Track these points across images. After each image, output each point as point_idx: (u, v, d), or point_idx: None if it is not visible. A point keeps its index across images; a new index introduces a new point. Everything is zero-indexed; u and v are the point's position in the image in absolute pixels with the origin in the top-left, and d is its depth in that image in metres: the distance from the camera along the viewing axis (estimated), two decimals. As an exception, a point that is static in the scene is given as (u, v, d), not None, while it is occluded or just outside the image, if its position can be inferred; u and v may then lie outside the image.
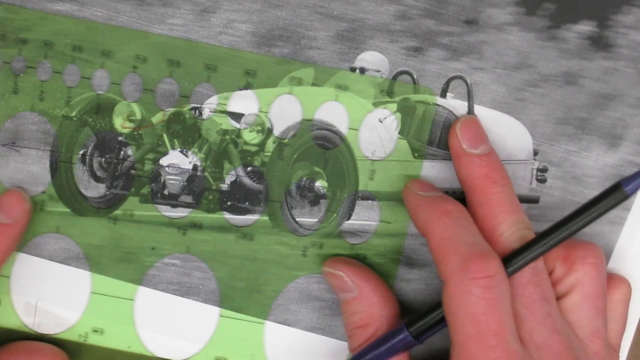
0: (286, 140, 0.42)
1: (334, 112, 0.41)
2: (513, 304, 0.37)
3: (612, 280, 0.42)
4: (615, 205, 0.36)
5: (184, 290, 0.42)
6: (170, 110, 0.41)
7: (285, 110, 0.41)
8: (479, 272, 0.35)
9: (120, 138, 0.41)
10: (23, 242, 0.42)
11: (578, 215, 0.37)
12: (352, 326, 0.40)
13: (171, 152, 0.42)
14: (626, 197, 0.36)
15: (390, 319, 0.40)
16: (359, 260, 0.42)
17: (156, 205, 0.42)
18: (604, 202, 0.37)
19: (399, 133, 0.42)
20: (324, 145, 0.42)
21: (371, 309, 0.40)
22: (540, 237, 0.37)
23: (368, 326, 0.40)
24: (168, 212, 0.42)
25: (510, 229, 0.38)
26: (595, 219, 0.37)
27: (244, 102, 0.41)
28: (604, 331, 0.39)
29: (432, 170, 0.42)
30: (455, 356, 0.36)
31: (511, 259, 0.37)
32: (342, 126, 0.42)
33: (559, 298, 0.39)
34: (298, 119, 0.41)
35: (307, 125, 0.41)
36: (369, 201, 0.42)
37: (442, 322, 0.38)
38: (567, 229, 0.37)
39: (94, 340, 0.42)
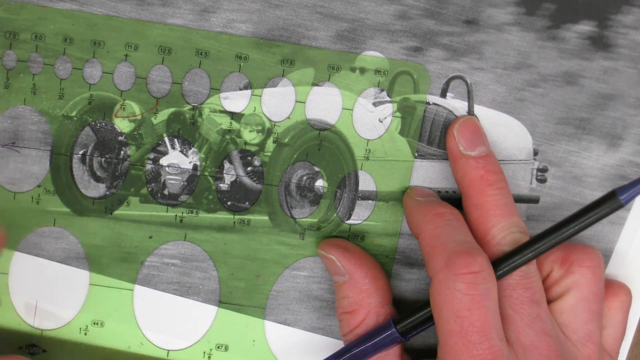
0: (286, 140, 0.42)
1: (333, 112, 0.41)
2: (501, 305, 0.37)
3: (612, 286, 0.41)
4: (609, 214, 0.36)
5: (184, 290, 0.42)
6: (171, 110, 0.41)
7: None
8: (464, 268, 0.35)
9: (120, 138, 0.41)
10: (20, 239, 0.42)
11: (572, 221, 0.37)
12: (341, 310, 0.40)
13: (171, 152, 0.42)
14: (620, 206, 0.35)
15: (379, 307, 0.40)
16: (355, 242, 0.42)
17: (156, 205, 0.42)
18: (598, 209, 0.36)
19: (399, 133, 0.42)
20: (325, 146, 0.42)
21: (360, 295, 0.40)
22: (532, 241, 0.37)
23: (356, 313, 0.40)
24: (168, 212, 0.42)
25: (503, 232, 0.38)
26: (589, 226, 0.37)
27: (244, 102, 0.41)
28: (597, 335, 0.39)
29: (432, 170, 0.42)
30: (441, 353, 0.36)
31: (502, 262, 0.37)
32: (342, 126, 0.42)
33: (554, 300, 0.39)
34: (292, 106, 0.41)
35: (307, 125, 0.41)
36: (369, 201, 0.42)
37: (430, 320, 0.38)
38: (559, 235, 0.37)
39: (95, 333, 0.42)
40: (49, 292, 0.42)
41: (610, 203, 0.36)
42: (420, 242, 0.38)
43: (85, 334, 0.42)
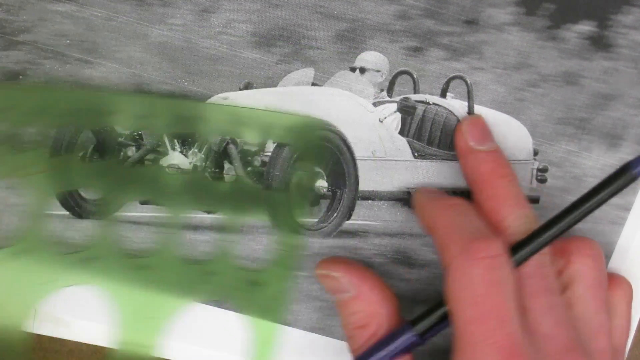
0: (286, 140, 0.42)
1: (333, 112, 0.41)
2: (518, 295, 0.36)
3: (613, 279, 0.41)
4: (624, 188, 0.35)
5: (184, 290, 0.42)
6: (170, 110, 0.41)
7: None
8: (482, 252, 0.35)
9: (120, 139, 0.41)
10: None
11: (585, 201, 0.36)
12: (351, 327, 0.39)
13: (171, 152, 0.42)
14: (635, 178, 0.35)
15: (390, 317, 0.39)
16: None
17: (156, 207, 0.42)
18: (612, 185, 0.35)
19: (399, 133, 0.42)
20: (325, 146, 0.42)
21: (370, 307, 0.39)
22: (546, 226, 0.36)
23: (368, 326, 0.39)
24: (168, 212, 0.42)
25: (517, 222, 0.37)
26: (603, 203, 0.36)
27: (244, 102, 0.41)
28: (608, 327, 0.38)
29: (432, 170, 0.42)
30: (457, 343, 0.35)
31: (517, 250, 0.36)
32: (342, 126, 0.42)
33: (561, 293, 0.39)
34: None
35: (307, 125, 0.41)
36: (369, 201, 0.42)
37: (446, 319, 0.37)
38: (573, 215, 0.36)
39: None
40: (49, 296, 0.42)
41: (624, 177, 0.35)
42: (434, 235, 0.37)
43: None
